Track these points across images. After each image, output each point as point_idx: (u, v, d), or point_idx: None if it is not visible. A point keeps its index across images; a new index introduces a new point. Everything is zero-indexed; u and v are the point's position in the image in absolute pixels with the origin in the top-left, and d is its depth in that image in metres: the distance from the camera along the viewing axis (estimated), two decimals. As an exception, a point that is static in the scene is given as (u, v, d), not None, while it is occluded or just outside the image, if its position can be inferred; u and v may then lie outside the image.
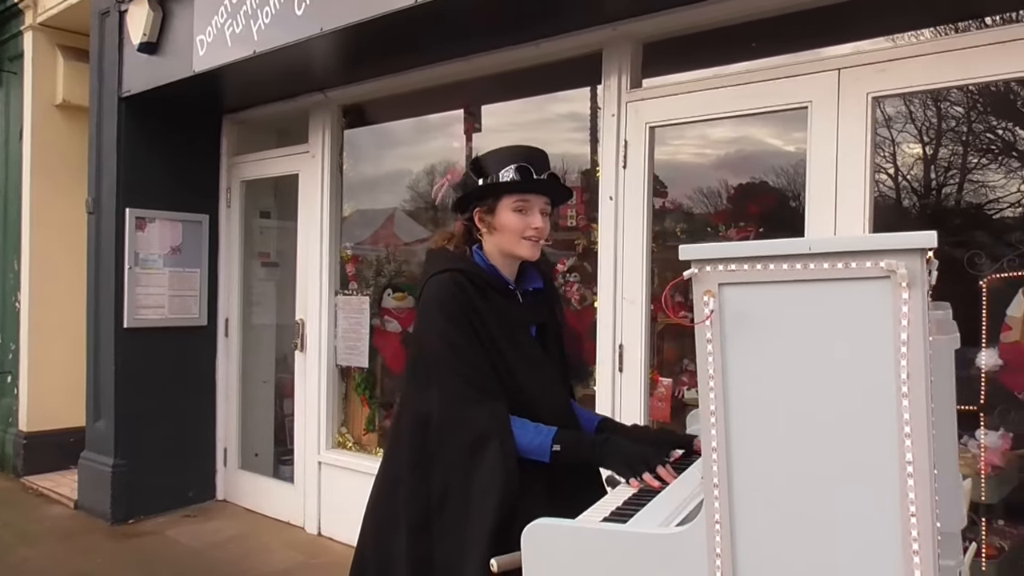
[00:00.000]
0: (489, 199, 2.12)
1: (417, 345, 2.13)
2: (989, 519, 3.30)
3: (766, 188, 4.76)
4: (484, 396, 2.00)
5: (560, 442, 1.97)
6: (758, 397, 1.30)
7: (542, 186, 2.13)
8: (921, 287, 1.18)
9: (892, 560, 1.23)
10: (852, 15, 3.25)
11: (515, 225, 2.11)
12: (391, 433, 2.29)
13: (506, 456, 1.94)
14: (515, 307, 2.19)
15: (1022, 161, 4.09)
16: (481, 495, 1.93)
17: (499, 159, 2.14)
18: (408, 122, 5.30)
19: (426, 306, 2.09)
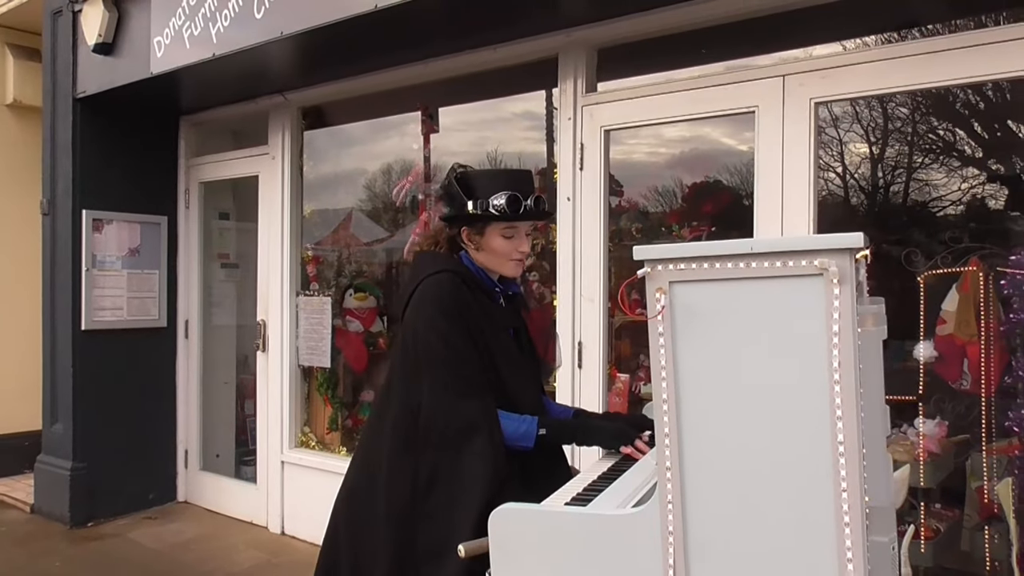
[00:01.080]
0: (478, 223, 2.23)
1: (411, 339, 2.21)
2: (927, 503, 3.49)
3: (718, 188, 4.93)
4: (474, 389, 2.12)
5: (545, 427, 2.13)
6: (706, 386, 1.41)
7: (529, 215, 2.24)
8: (850, 283, 1.30)
9: (827, 533, 1.35)
10: (795, 24, 3.41)
11: (503, 249, 2.24)
12: (371, 425, 2.37)
13: (495, 445, 2.06)
14: (498, 309, 2.32)
15: (959, 163, 4.31)
16: (470, 482, 2.03)
17: (489, 184, 2.24)
18: (367, 123, 5.37)
19: (422, 303, 2.19)
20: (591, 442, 2.25)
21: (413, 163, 4.98)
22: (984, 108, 3.93)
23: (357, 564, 2.27)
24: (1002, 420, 3.20)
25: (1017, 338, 3.14)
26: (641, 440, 2.13)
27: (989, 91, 3.79)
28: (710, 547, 1.43)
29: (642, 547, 1.47)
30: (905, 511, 3.42)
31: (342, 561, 2.33)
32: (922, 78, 3.07)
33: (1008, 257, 3.17)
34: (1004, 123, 3.96)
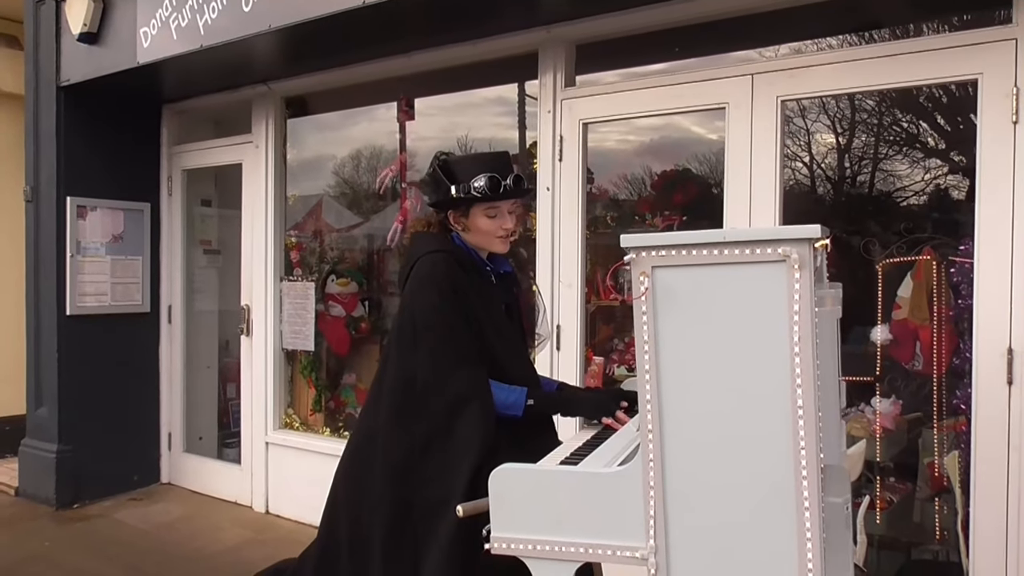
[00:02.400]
0: (462, 206, 2.39)
1: (408, 315, 2.37)
2: (882, 476, 3.73)
3: (687, 178, 5.13)
4: (467, 361, 2.28)
5: (533, 398, 2.31)
6: (683, 359, 1.61)
7: (508, 194, 2.41)
8: (809, 269, 1.50)
9: (787, 486, 1.55)
10: (764, 25, 3.61)
11: (488, 228, 2.42)
12: (371, 394, 2.51)
13: (486, 413, 2.23)
14: (490, 287, 2.48)
15: (912, 159, 4.56)
16: (463, 447, 2.19)
17: (469, 168, 2.41)
18: (349, 113, 5.51)
19: (419, 281, 2.35)
20: (575, 413, 2.44)
21: (395, 152, 5.12)
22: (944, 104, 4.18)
23: (355, 527, 2.41)
24: (951, 399, 3.44)
25: (965, 322, 3.37)
26: (620, 411, 2.31)
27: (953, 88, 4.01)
28: (685, 499, 1.62)
29: (627, 500, 1.66)
30: (862, 484, 3.66)
31: (341, 521, 2.47)
32: (881, 79, 3.29)
33: (958, 247, 3.41)
34: (956, 119, 4.21)
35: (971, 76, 3.06)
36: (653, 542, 1.63)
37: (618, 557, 1.69)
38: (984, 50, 3.02)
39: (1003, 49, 2.98)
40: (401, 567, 2.28)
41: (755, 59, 3.68)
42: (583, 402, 2.47)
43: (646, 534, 1.65)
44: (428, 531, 2.23)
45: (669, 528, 1.63)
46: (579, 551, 1.72)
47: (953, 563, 3.37)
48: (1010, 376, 2.98)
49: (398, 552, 2.28)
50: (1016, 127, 2.96)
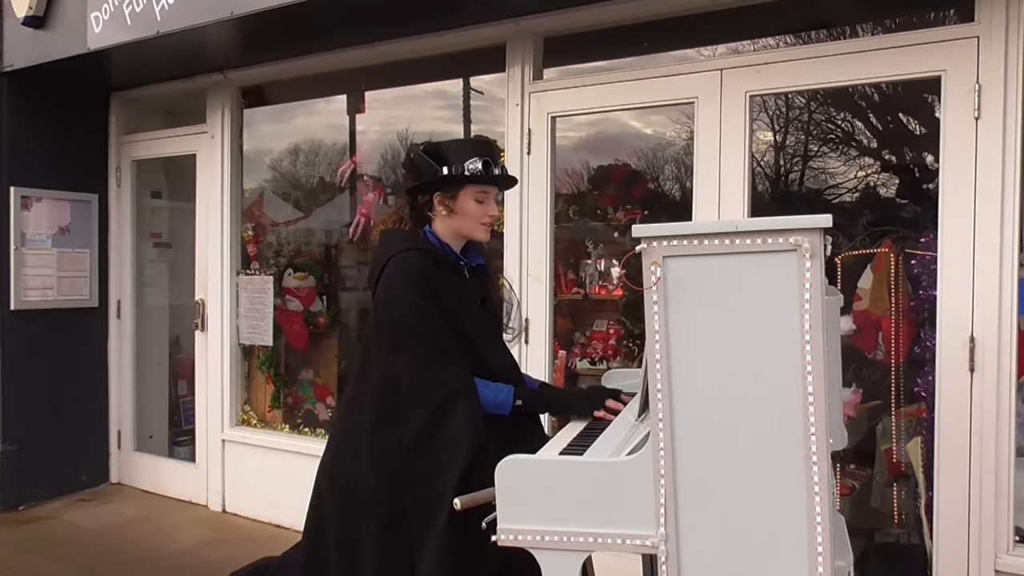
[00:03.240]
0: (453, 187, 2.36)
1: (386, 315, 2.32)
2: (842, 463, 3.83)
3: (651, 173, 5.19)
4: (450, 360, 2.25)
5: (521, 397, 2.29)
6: (694, 347, 1.62)
7: (503, 180, 2.39)
8: (820, 257, 1.53)
9: (797, 471, 1.58)
10: (732, 21, 3.67)
11: (475, 212, 2.38)
12: (349, 399, 2.46)
13: (474, 412, 2.20)
14: (464, 281, 2.45)
15: (874, 156, 4.71)
16: (453, 447, 2.16)
17: (462, 150, 2.39)
18: (308, 103, 5.42)
19: (393, 280, 2.30)
20: (565, 411, 2.41)
21: (355, 144, 5.06)
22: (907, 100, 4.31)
23: (344, 529, 2.36)
24: (911, 386, 3.55)
25: (926, 312, 3.48)
26: (610, 401, 2.30)
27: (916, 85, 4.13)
28: (696, 487, 1.64)
29: (637, 489, 1.67)
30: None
31: (328, 527, 2.41)
32: (847, 75, 3.36)
33: (919, 240, 3.51)
34: (918, 116, 4.35)
35: (935, 73, 3.15)
36: (663, 530, 1.65)
37: (627, 546, 1.70)
38: (948, 48, 3.12)
39: (966, 47, 3.08)
40: (395, 568, 2.24)
41: (724, 55, 3.73)
42: (572, 399, 2.46)
43: (656, 522, 1.66)
44: (422, 531, 2.19)
45: (680, 516, 1.64)
46: (588, 541, 1.72)
47: (915, 545, 3.48)
48: (972, 363, 3.08)
49: (391, 553, 2.25)
50: (978, 123, 3.06)
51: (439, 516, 2.15)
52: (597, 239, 5.05)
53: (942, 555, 3.16)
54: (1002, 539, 3.06)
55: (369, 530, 2.29)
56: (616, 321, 4.92)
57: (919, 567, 3.38)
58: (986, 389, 3.06)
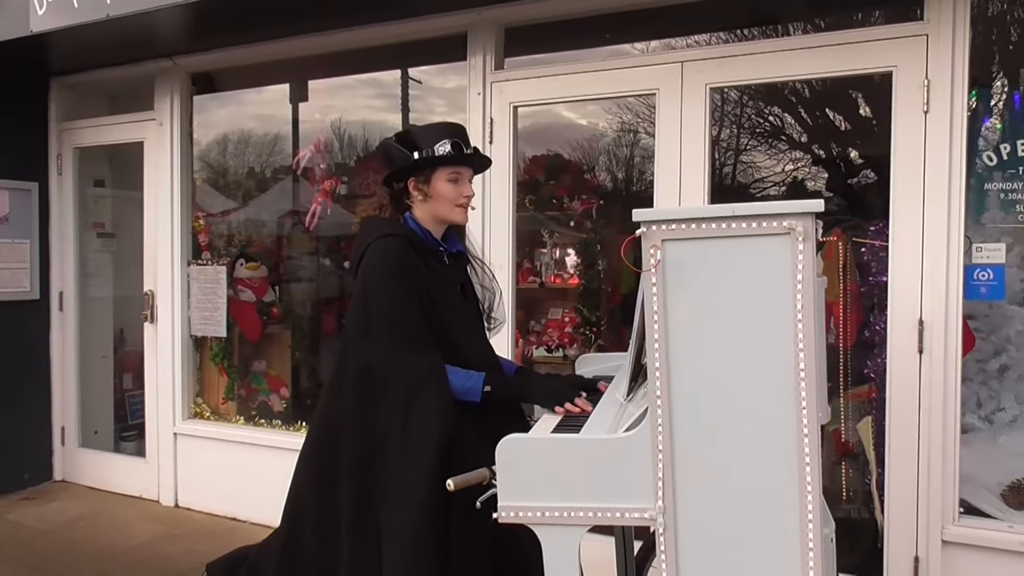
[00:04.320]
0: (426, 171, 2.38)
1: (361, 300, 2.33)
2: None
3: (605, 164, 5.28)
4: (422, 346, 2.26)
5: (491, 383, 2.29)
6: (691, 327, 1.69)
7: (474, 160, 2.42)
8: (812, 240, 1.61)
9: (789, 444, 1.66)
10: (693, 14, 3.76)
11: (450, 194, 2.39)
12: (329, 385, 2.46)
13: (443, 399, 2.21)
14: (444, 268, 2.46)
15: (827, 147, 4.88)
16: (422, 434, 2.17)
17: (432, 134, 2.40)
18: (261, 91, 5.34)
19: (371, 266, 2.31)
20: (531, 400, 2.42)
21: (312, 133, 5.02)
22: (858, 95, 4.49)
23: (321, 513, 2.36)
24: (860, 369, 3.71)
25: (875, 298, 3.64)
26: (579, 398, 2.27)
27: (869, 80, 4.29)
28: (692, 461, 1.71)
29: (635, 463, 1.73)
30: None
31: (305, 513, 2.41)
32: (803, 69, 3.50)
33: (868, 228, 3.67)
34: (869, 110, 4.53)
35: (887, 68, 3.29)
36: (661, 503, 1.71)
37: (626, 519, 1.76)
38: (899, 44, 3.26)
39: (916, 44, 3.23)
40: (366, 556, 2.25)
41: (685, 47, 3.82)
42: (540, 390, 2.41)
43: (654, 495, 1.72)
44: (389, 519, 2.21)
45: (677, 489, 1.71)
46: (588, 515, 1.78)
47: (865, 519, 3.64)
48: (921, 345, 3.24)
49: (362, 541, 2.26)
50: (927, 116, 3.21)
51: (407, 506, 2.16)
52: (553, 228, 5.12)
53: (892, 528, 3.32)
54: (948, 511, 3.23)
55: (344, 518, 2.29)
56: (572, 309, 5.00)
57: (869, 540, 3.55)
58: (934, 369, 3.22)
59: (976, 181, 3.35)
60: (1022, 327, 3.55)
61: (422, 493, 2.15)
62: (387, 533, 2.22)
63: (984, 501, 3.30)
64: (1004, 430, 3.50)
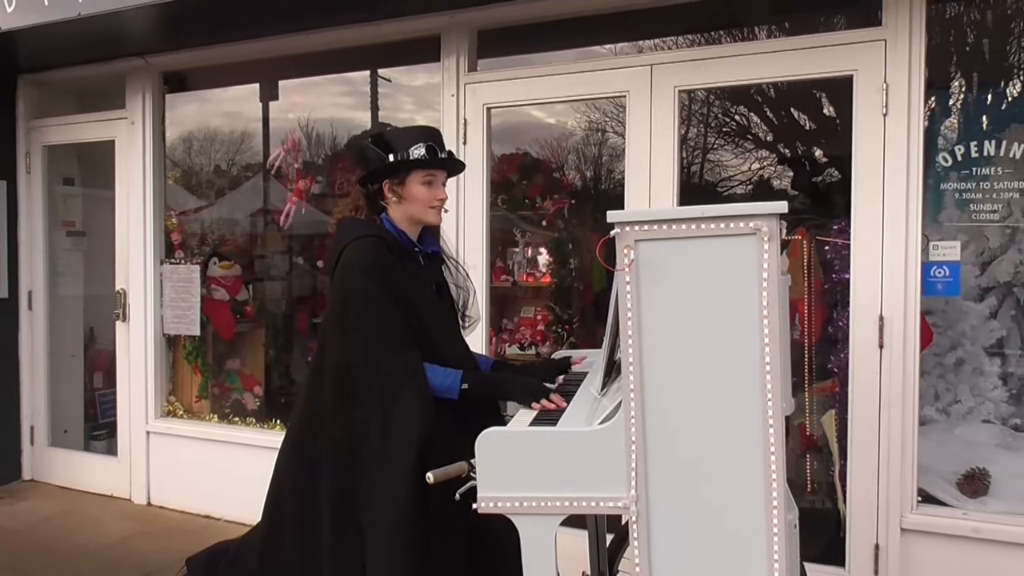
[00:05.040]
0: (400, 173, 2.43)
1: (339, 301, 2.37)
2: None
3: (576, 163, 5.36)
4: (400, 345, 2.31)
5: (468, 381, 2.34)
6: (663, 324, 1.77)
7: (448, 163, 2.48)
8: (777, 241, 1.69)
9: (755, 433, 1.75)
10: (662, 18, 3.85)
11: (424, 196, 2.45)
12: (308, 384, 2.50)
13: (422, 397, 2.26)
14: (419, 269, 2.52)
15: (791, 148, 5.00)
16: (401, 432, 2.22)
17: (406, 137, 2.45)
18: (235, 90, 5.34)
19: (349, 267, 2.36)
20: (509, 397, 2.46)
21: (286, 132, 5.04)
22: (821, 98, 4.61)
23: (302, 510, 2.40)
24: (825, 364, 3.82)
25: (838, 295, 3.75)
26: (554, 395, 2.31)
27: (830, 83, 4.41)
28: (664, 451, 1.79)
29: (609, 455, 1.81)
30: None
31: (286, 510, 2.45)
32: (767, 73, 3.61)
33: (831, 227, 3.78)
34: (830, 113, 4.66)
35: (847, 72, 3.41)
36: (634, 492, 1.79)
37: (600, 508, 1.84)
38: (859, 49, 3.38)
39: (875, 49, 3.35)
40: (347, 552, 2.30)
41: (654, 50, 3.91)
42: (515, 386, 2.44)
43: (627, 485, 1.80)
44: (371, 516, 2.26)
45: (649, 478, 1.79)
46: (564, 505, 1.85)
47: (828, 510, 3.76)
48: (881, 340, 3.36)
49: (344, 537, 2.30)
50: (886, 118, 3.33)
51: (388, 503, 2.21)
52: (525, 228, 5.19)
53: (854, 516, 3.44)
54: (907, 500, 3.35)
55: (325, 517, 2.33)
56: (544, 307, 5.07)
57: (832, 528, 3.67)
58: (893, 363, 3.34)
59: (933, 181, 3.49)
60: (976, 322, 3.70)
61: (403, 490, 2.20)
62: (369, 530, 2.26)
63: (940, 490, 3.43)
64: (960, 421, 3.65)
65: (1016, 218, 3.54)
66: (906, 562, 3.34)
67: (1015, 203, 3.50)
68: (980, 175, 3.47)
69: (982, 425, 3.61)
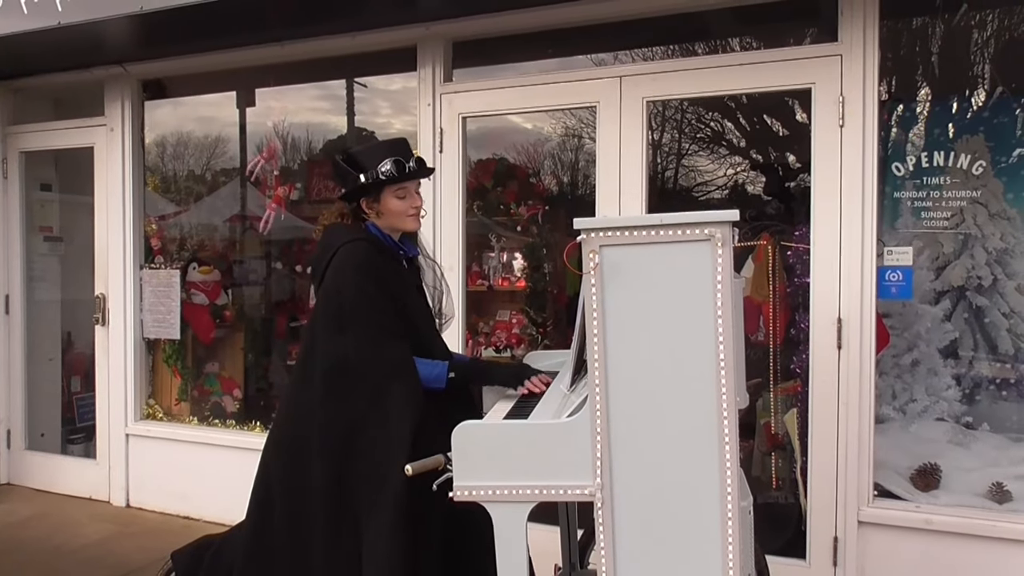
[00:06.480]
0: (373, 192, 2.56)
1: (333, 299, 2.49)
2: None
3: (550, 168, 5.49)
4: (392, 339, 2.44)
5: (454, 370, 2.50)
6: (626, 323, 1.90)
7: (415, 175, 2.60)
8: (730, 246, 1.83)
9: (711, 424, 1.88)
10: (630, 32, 4.00)
11: (399, 208, 2.59)
12: (297, 378, 2.60)
13: (414, 388, 2.40)
14: (403, 271, 2.65)
15: (753, 157, 5.17)
16: (396, 421, 2.34)
17: (373, 154, 2.58)
18: (212, 98, 5.42)
19: (342, 268, 2.48)
20: (493, 382, 2.64)
21: (265, 140, 5.13)
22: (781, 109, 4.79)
23: (293, 499, 2.49)
24: (788, 364, 3.98)
25: (800, 298, 3.91)
26: (536, 377, 2.53)
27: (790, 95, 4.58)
28: (626, 442, 1.92)
29: (576, 446, 1.93)
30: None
31: (275, 504, 2.54)
32: (731, 85, 3.77)
33: (793, 233, 3.94)
34: (790, 123, 4.83)
35: (806, 85, 3.58)
36: (600, 480, 1.92)
37: (568, 495, 1.96)
38: (816, 63, 3.54)
39: (831, 63, 3.51)
40: (343, 541, 2.39)
41: (623, 63, 4.06)
42: (500, 372, 2.68)
43: (593, 474, 1.93)
44: (369, 504, 2.36)
45: (613, 467, 1.92)
46: (534, 492, 1.97)
47: (791, 504, 3.92)
48: (839, 341, 3.52)
49: (341, 527, 2.40)
50: (842, 130, 3.49)
51: (385, 490, 2.32)
52: (500, 233, 5.31)
53: (814, 510, 3.60)
54: (864, 494, 3.51)
55: (319, 507, 2.43)
56: (519, 311, 5.20)
57: (795, 523, 3.82)
58: (851, 364, 3.50)
59: (889, 189, 3.65)
60: (931, 325, 3.86)
61: (402, 479, 2.28)
62: (369, 513, 2.35)
63: (895, 484, 3.59)
64: (915, 419, 3.81)
65: (968, 225, 3.70)
66: (863, 553, 3.50)
67: (966, 211, 3.67)
68: (932, 184, 3.64)
69: (936, 423, 3.76)
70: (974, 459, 3.59)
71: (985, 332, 3.74)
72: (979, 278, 3.68)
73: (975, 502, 3.46)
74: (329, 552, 2.39)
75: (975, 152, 3.58)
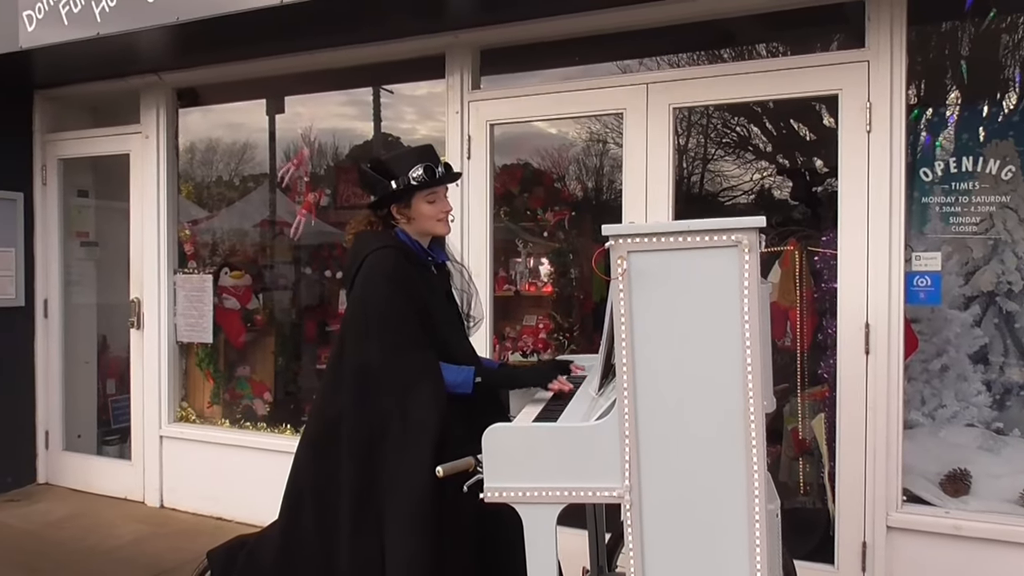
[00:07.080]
0: (404, 197, 2.61)
1: (362, 306, 2.55)
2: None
3: (576, 174, 5.52)
4: (417, 346, 2.49)
5: (481, 375, 2.54)
6: (654, 328, 1.93)
7: (445, 179, 2.66)
8: (757, 252, 1.86)
9: (738, 427, 1.91)
10: (657, 38, 4.03)
11: (430, 213, 2.64)
12: (328, 382, 2.67)
13: (438, 393, 2.44)
14: (432, 276, 2.70)
15: (772, 159, 5.16)
16: (419, 426, 2.39)
17: (403, 161, 2.64)
18: (246, 105, 5.52)
19: (371, 274, 2.54)
20: (521, 384, 2.69)
21: (296, 147, 5.22)
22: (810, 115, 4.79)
23: (321, 503, 2.56)
24: (815, 370, 3.98)
25: (827, 303, 3.91)
26: (561, 377, 2.59)
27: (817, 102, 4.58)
28: (655, 445, 1.95)
29: (605, 448, 1.97)
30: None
31: (305, 504, 2.60)
32: (757, 92, 3.79)
33: (821, 238, 3.95)
34: (818, 130, 4.82)
35: (833, 91, 3.58)
36: (628, 482, 1.95)
37: (597, 497, 2.00)
38: (843, 69, 3.55)
39: (858, 69, 3.52)
40: (368, 541, 2.45)
41: (650, 69, 4.09)
42: (527, 374, 2.73)
43: (621, 476, 1.96)
44: (392, 507, 2.41)
45: (641, 470, 1.95)
46: (563, 494, 2.01)
47: (819, 509, 3.91)
48: (867, 346, 3.52)
49: (365, 527, 2.45)
50: (870, 135, 3.50)
51: (408, 495, 2.37)
52: (527, 239, 5.35)
53: (842, 516, 3.59)
54: (892, 499, 3.51)
55: (345, 509, 2.48)
56: (546, 316, 5.23)
57: (822, 528, 3.81)
58: (879, 369, 3.50)
59: (917, 194, 3.65)
60: (961, 330, 3.85)
61: (423, 479, 2.35)
62: (390, 516, 2.41)
63: (924, 490, 3.58)
64: (944, 425, 3.79)
65: (998, 230, 3.69)
66: (891, 559, 3.49)
67: (996, 216, 3.66)
68: (961, 189, 3.63)
69: (965, 428, 3.75)
70: (1004, 465, 3.57)
71: (1016, 337, 3.73)
72: (1009, 283, 3.66)
73: (1005, 508, 3.44)
74: (355, 553, 2.44)
75: (1005, 157, 3.56)
